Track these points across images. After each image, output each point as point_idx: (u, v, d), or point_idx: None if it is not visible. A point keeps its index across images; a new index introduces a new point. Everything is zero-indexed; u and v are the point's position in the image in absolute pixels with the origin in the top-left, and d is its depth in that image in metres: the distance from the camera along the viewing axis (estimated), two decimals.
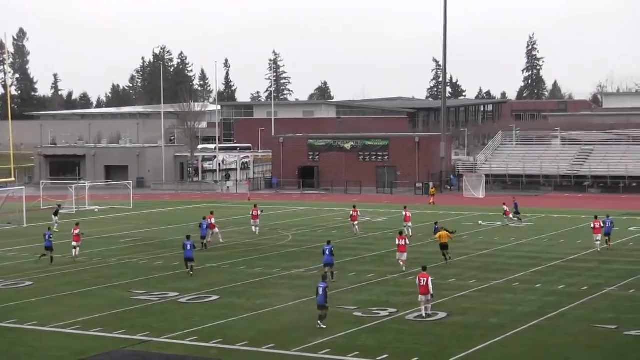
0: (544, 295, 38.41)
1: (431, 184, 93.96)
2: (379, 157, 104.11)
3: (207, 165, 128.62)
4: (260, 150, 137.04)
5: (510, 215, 66.58)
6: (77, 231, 50.68)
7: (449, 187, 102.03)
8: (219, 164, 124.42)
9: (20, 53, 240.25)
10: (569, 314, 34.70)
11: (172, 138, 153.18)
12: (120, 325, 33.09)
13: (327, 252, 42.31)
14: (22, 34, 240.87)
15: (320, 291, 32.50)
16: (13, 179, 78.52)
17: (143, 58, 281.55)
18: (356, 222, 61.38)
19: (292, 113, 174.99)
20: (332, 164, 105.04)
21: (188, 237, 45.79)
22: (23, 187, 74.32)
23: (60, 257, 51.29)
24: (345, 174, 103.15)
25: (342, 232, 62.31)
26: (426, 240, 57.09)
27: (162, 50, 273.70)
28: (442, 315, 34.39)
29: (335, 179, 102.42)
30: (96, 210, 79.38)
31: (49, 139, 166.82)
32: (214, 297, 38.71)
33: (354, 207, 63.36)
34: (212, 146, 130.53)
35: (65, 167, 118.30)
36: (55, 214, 65.02)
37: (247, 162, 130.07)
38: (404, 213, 60.25)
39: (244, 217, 70.33)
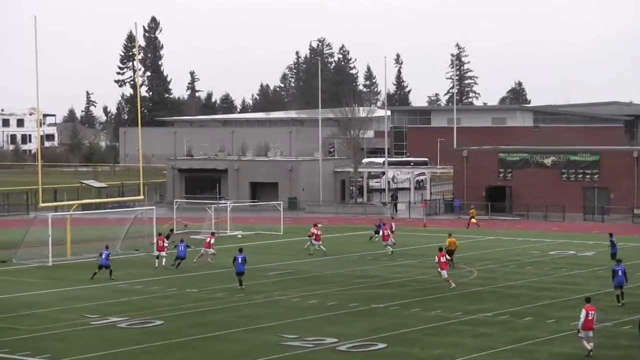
0: None
1: (472, 206, 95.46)
2: (588, 176, 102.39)
3: (373, 183, 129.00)
4: (438, 166, 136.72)
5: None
6: (162, 242, 63.05)
7: None
8: (389, 182, 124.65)
9: (152, 47, 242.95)
10: None
11: (332, 150, 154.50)
12: None
13: (620, 273, 47.41)
14: (154, 24, 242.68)
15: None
16: (142, 197, 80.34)
17: (297, 53, 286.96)
18: (320, 242, 68.74)
19: (478, 120, 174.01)
20: (528, 184, 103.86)
21: (240, 250, 54.25)
22: (153, 207, 75.58)
23: (195, 291, 52.37)
24: (544, 197, 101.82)
25: (540, 268, 61.50)
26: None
27: (320, 44, 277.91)
28: None
29: (531, 202, 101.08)
30: (239, 236, 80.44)
31: (184, 150, 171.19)
32: (380, 345, 38.73)
33: (315, 225, 70.51)
34: (380, 160, 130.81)
35: (203, 183, 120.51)
36: (167, 237, 65.43)
37: (422, 181, 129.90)
38: (313, 230, 68.81)
39: (417, 248, 70.29)
